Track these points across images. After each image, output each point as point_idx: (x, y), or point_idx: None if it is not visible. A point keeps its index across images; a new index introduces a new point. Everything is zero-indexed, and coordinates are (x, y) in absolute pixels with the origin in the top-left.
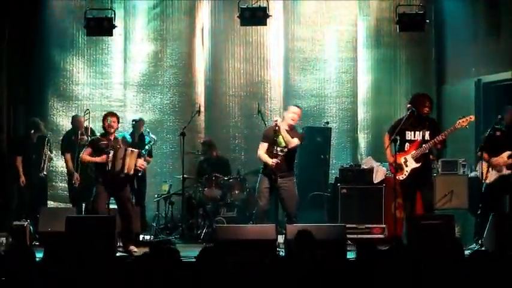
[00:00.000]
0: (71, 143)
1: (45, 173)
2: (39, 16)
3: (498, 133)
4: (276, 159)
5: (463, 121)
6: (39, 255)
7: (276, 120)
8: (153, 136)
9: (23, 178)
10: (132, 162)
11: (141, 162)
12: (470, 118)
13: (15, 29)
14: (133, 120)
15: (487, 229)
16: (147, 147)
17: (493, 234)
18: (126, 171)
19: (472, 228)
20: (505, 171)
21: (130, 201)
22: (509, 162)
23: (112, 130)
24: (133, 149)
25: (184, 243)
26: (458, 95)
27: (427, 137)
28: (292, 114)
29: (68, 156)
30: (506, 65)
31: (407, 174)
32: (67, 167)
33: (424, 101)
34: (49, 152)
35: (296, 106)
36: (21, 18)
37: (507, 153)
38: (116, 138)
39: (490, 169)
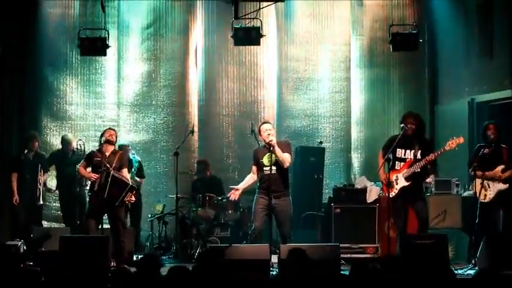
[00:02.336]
0: (60, 165)
1: (41, 202)
2: (33, 35)
3: (486, 151)
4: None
5: (452, 143)
6: None
7: (271, 141)
8: (138, 158)
9: (16, 197)
10: (115, 190)
11: (129, 196)
12: (459, 140)
13: (8, 48)
14: (119, 147)
15: (480, 248)
16: (133, 169)
17: (487, 253)
18: (105, 196)
19: (466, 247)
20: (503, 186)
21: (121, 221)
22: (504, 177)
23: (111, 139)
24: (122, 178)
25: (178, 263)
26: (451, 115)
27: (418, 156)
28: (268, 132)
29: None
30: (499, 84)
31: (396, 192)
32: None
33: (406, 120)
34: (44, 179)
35: (264, 123)
36: (14, 37)
37: (500, 167)
38: (113, 154)
39: (487, 186)
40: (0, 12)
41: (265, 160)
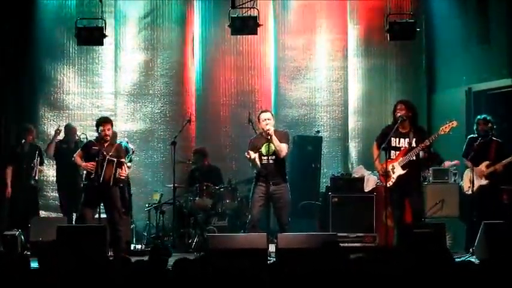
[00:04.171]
0: (61, 152)
1: (36, 178)
2: (30, 26)
3: (476, 143)
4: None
5: (445, 127)
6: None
7: (268, 130)
8: (131, 146)
9: (9, 189)
10: (110, 171)
11: (120, 171)
12: (452, 124)
13: (5, 39)
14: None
15: (478, 238)
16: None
17: (484, 242)
18: (101, 181)
19: (464, 236)
20: (484, 181)
21: (118, 209)
22: (487, 172)
23: (108, 138)
24: (112, 158)
25: (176, 253)
26: (449, 104)
27: (413, 143)
28: (267, 121)
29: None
30: (496, 73)
31: (394, 181)
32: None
33: (398, 108)
34: (39, 165)
35: (263, 111)
36: (11, 28)
37: (485, 163)
38: (110, 144)
39: (473, 179)
40: None
41: (264, 150)
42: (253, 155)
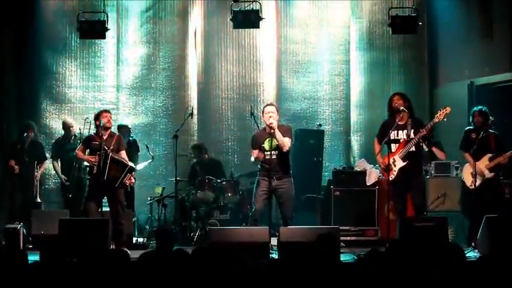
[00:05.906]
0: (61, 151)
1: (39, 200)
2: (32, 19)
3: (473, 135)
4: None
5: (439, 114)
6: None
7: (271, 123)
8: (151, 153)
9: (16, 168)
10: (114, 172)
11: (128, 177)
12: (446, 110)
13: (7, 32)
14: (118, 126)
15: (480, 232)
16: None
17: (487, 236)
18: (105, 178)
19: (466, 230)
20: (488, 175)
21: (121, 203)
22: (491, 165)
23: (110, 125)
24: (120, 159)
25: (178, 246)
26: (451, 98)
27: (411, 135)
28: (270, 114)
29: (55, 163)
30: (499, 67)
31: (395, 174)
32: (56, 173)
33: (395, 100)
34: (42, 160)
35: (268, 105)
36: (13, 21)
37: (487, 156)
38: (110, 137)
39: (475, 173)
40: None
41: (266, 145)
42: (257, 154)
